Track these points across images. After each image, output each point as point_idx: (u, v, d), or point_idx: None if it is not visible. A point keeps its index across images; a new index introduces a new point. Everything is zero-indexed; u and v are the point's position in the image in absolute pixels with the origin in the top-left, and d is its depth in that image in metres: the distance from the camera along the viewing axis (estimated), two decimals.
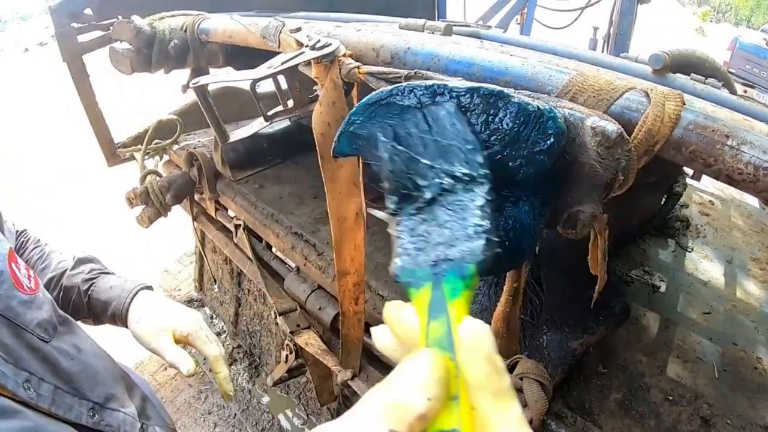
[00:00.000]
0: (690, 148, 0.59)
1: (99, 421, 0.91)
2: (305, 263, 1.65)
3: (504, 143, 0.52)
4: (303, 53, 0.95)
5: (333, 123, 0.94)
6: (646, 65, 0.97)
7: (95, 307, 1.14)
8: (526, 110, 0.52)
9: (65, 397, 0.85)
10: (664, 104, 0.58)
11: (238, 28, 1.34)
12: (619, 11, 3.28)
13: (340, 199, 1.07)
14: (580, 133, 0.57)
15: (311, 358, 1.62)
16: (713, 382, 1.32)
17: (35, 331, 0.84)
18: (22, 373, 0.77)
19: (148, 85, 6.17)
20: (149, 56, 1.62)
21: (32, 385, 0.78)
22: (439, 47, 0.90)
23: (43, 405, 0.79)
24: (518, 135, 0.52)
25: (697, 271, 1.76)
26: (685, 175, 1.82)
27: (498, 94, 0.52)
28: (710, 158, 0.58)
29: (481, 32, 1.29)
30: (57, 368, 0.86)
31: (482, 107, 0.52)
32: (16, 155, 7.26)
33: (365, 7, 1.92)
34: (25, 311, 0.82)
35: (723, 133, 0.57)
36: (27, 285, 0.86)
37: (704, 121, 0.59)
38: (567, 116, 0.59)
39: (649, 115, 0.59)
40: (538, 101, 0.55)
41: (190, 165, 2.05)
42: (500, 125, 0.52)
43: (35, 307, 0.86)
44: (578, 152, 0.58)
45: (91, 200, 5.34)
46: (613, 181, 0.58)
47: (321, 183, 1.05)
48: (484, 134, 0.52)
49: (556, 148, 0.54)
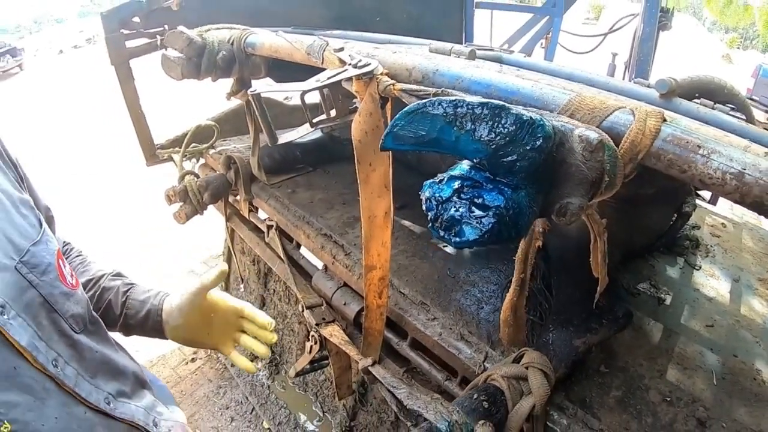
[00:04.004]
0: (668, 157, 0.72)
1: (114, 409, 0.98)
2: (333, 262, 1.78)
3: (505, 141, 0.69)
4: (346, 70, 1.09)
5: (369, 132, 1.08)
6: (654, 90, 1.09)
7: (131, 308, 1.22)
8: (521, 118, 0.69)
9: (85, 383, 0.93)
10: (645, 120, 0.72)
11: (284, 44, 1.48)
12: (640, 37, 3.35)
13: (372, 199, 1.20)
14: (570, 140, 0.72)
15: (334, 348, 1.74)
16: (711, 388, 1.38)
17: (69, 320, 0.92)
18: (52, 352, 0.86)
19: (179, 93, 6.40)
20: (199, 65, 1.76)
21: (59, 364, 0.87)
22: (463, 70, 1.04)
23: (69, 384, 0.88)
24: (515, 136, 0.69)
25: (703, 288, 1.83)
26: (694, 195, 1.90)
27: (501, 107, 0.69)
28: (684, 165, 0.71)
29: (503, 56, 1.42)
30: (80, 357, 0.94)
31: (490, 116, 0.69)
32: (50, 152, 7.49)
33: (395, 29, 2.05)
34: (63, 301, 0.91)
35: (695, 144, 0.70)
36: (69, 281, 0.95)
37: (680, 134, 0.72)
38: (559, 127, 0.74)
39: (632, 129, 0.73)
40: (531, 112, 0.71)
41: (227, 168, 2.21)
42: (502, 129, 0.69)
43: (73, 301, 0.95)
44: (567, 155, 0.73)
45: (116, 201, 5.53)
46: (599, 180, 0.72)
47: (350, 190, 1.19)
48: (491, 135, 0.69)
49: (545, 148, 0.70)
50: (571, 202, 0.72)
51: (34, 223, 0.93)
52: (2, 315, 0.77)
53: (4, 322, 0.77)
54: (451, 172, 0.77)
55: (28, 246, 0.87)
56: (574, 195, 0.72)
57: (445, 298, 1.58)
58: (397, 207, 1.26)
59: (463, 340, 1.42)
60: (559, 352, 1.26)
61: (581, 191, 0.72)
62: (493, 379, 1.17)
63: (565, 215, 0.72)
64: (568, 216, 0.72)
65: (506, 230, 0.72)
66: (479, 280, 1.66)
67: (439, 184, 0.77)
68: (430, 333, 1.46)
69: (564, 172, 0.74)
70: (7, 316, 0.78)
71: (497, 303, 1.49)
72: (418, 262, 1.76)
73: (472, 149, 0.72)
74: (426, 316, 1.51)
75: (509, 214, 0.71)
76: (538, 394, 1.11)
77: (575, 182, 0.72)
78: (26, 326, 0.81)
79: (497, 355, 1.37)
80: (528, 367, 1.15)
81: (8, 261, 0.82)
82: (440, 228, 0.77)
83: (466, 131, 0.71)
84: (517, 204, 0.72)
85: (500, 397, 1.14)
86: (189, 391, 2.95)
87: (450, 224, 0.75)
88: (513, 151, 0.69)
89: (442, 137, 0.73)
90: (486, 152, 0.71)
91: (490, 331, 1.44)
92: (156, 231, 4.56)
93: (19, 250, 0.85)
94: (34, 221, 0.93)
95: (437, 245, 1.86)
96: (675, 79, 1.08)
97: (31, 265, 0.86)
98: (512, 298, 1.08)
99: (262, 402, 2.78)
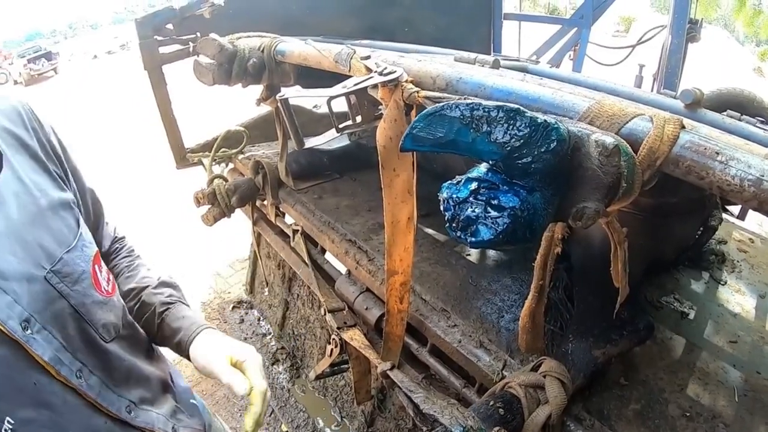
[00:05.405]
0: (686, 164, 0.73)
1: (134, 417, 0.99)
2: (356, 267, 1.81)
3: (519, 144, 0.71)
4: (372, 77, 1.12)
5: (394, 137, 1.10)
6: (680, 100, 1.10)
7: (164, 330, 1.18)
8: (536, 121, 0.71)
9: (108, 393, 0.93)
10: (664, 127, 0.73)
11: (313, 52, 1.52)
12: (668, 49, 3.32)
13: (395, 204, 1.22)
14: (586, 144, 0.74)
15: (354, 353, 1.76)
16: (732, 405, 1.35)
17: (99, 330, 0.93)
18: (77, 363, 0.86)
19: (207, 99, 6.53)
20: (230, 71, 1.81)
21: (83, 375, 0.87)
22: (486, 78, 1.06)
23: (91, 394, 0.89)
24: (530, 138, 0.71)
25: (728, 303, 1.80)
26: (720, 209, 1.88)
27: (516, 110, 0.72)
28: (702, 171, 0.72)
29: (528, 66, 1.44)
30: (107, 366, 0.95)
31: (505, 118, 0.72)
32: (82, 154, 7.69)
33: (424, 40, 2.08)
34: (95, 310, 0.92)
35: (714, 151, 0.71)
36: (104, 288, 0.96)
37: (699, 141, 0.73)
38: (576, 132, 0.75)
39: (651, 135, 0.74)
40: (545, 116, 0.73)
41: (255, 172, 2.26)
42: (517, 131, 0.71)
43: (106, 309, 0.95)
44: (584, 159, 0.74)
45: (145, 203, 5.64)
46: (616, 185, 0.73)
47: (375, 197, 1.21)
48: (506, 137, 0.72)
49: (559, 150, 0.72)
50: (587, 206, 0.73)
51: (72, 225, 0.93)
52: (26, 330, 0.77)
53: (27, 337, 0.77)
54: (469, 174, 0.79)
55: (61, 254, 0.87)
56: (590, 199, 0.73)
57: (466, 306, 1.59)
58: (422, 215, 1.28)
59: (482, 348, 1.43)
60: (578, 362, 1.26)
61: (598, 196, 0.73)
62: (511, 386, 1.17)
63: (581, 219, 0.73)
64: (584, 220, 0.73)
65: (521, 231, 0.73)
66: (501, 288, 1.66)
67: (456, 186, 0.79)
68: (449, 340, 1.47)
69: (580, 177, 0.75)
70: (31, 331, 0.78)
71: (517, 312, 1.49)
72: (441, 269, 1.77)
73: (488, 151, 0.74)
74: (446, 322, 1.52)
75: (524, 215, 0.73)
76: (554, 403, 1.11)
77: (592, 186, 0.73)
78: (51, 339, 0.82)
79: (516, 364, 1.37)
80: (546, 375, 1.16)
81: (38, 271, 0.82)
82: (457, 228, 0.79)
83: (482, 133, 0.73)
84: (531, 205, 0.73)
85: (517, 405, 1.14)
86: (209, 391, 2.99)
87: (466, 224, 0.77)
88: (527, 153, 0.71)
89: (459, 139, 0.76)
90: (501, 154, 0.73)
91: (509, 339, 1.45)
92: (182, 233, 4.65)
93: (51, 258, 0.85)
94: (72, 223, 0.93)
95: (460, 254, 1.87)
96: (700, 89, 1.08)
97: (63, 274, 0.86)
98: (531, 305, 1.09)
99: (281, 405, 2.81)
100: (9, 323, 0.75)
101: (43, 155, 0.94)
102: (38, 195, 0.88)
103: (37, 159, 0.93)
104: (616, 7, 5.07)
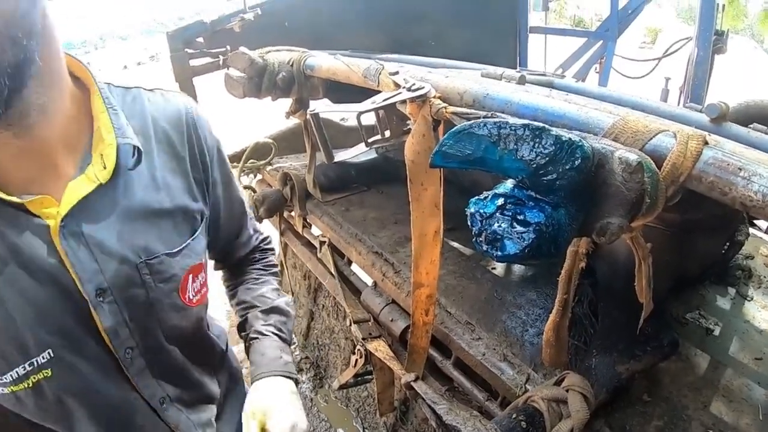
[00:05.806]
0: (709, 179, 0.74)
1: (164, 410, 1.02)
2: (383, 279, 1.83)
3: (545, 161, 0.73)
4: (400, 93, 1.15)
5: (422, 152, 1.13)
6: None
7: (249, 356, 1.20)
8: (561, 139, 0.73)
9: (148, 378, 0.98)
10: (687, 143, 0.75)
11: (342, 67, 1.55)
12: (694, 61, 3.30)
13: (423, 217, 1.24)
14: (610, 161, 0.75)
15: (378, 363, 1.78)
16: (757, 423, 1.33)
17: (165, 329, 0.98)
18: (131, 341, 0.92)
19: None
20: (259, 84, 1.85)
21: (132, 354, 0.93)
22: (512, 94, 1.08)
23: (131, 371, 0.94)
24: (555, 156, 0.73)
25: (754, 319, 1.77)
26: (747, 224, 1.86)
27: (542, 128, 0.74)
28: (725, 187, 0.73)
29: (554, 81, 1.46)
30: (158, 358, 0.99)
31: (531, 136, 0.74)
32: None
33: (451, 54, 2.09)
34: (170, 311, 0.97)
35: (736, 167, 0.72)
36: (189, 296, 1.00)
37: (722, 156, 0.74)
38: (599, 149, 0.77)
39: (674, 151, 0.76)
40: (571, 134, 0.75)
41: (283, 184, 2.30)
42: (543, 149, 0.73)
43: (181, 315, 1.00)
44: (608, 176, 0.76)
45: None
46: (639, 201, 0.74)
47: (403, 211, 1.23)
48: (532, 154, 0.74)
49: (584, 168, 0.74)
50: (611, 222, 0.74)
51: (184, 233, 0.98)
52: (98, 297, 0.85)
53: (96, 303, 0.85)
54: (496, 190, 0.82)
55: (161, 254, 0.93)
56: (614, 215, 0.75)
57: (490, 319, 1.60)
58: (448, 228, 1.30)
59: (506, 361, 1.43)
60: (601, 377, 1.26)
61: (621, 212, 0.74)
62: (533, 400, 1.17)
63: (605, 234, 0.74)
64: (608, 235, 0.74)
65: (546, 246, 0.75)
66: (525, 303, 1.67)
67: (483, 201, 0.81)
68: (473, 353, 1.48)
69: (604, 193, 0.76)
70: (102, 299, 0.85)
71: (542, 326, 1.49)
72: (466, 283, 1.78)
73: (515, 168, 0.76)
74: (471, 335, 1.53)
75: (549, 230, 0.75)
76: (576, 418, 1.11)
77: (615, 203, 0.75)
78: (117, 313, 0.88)
79: (539, 378, 1.37)
80: (568, 390, 1.16)
81: (133, 257, 0.89)
82: (483, 242, 0.81)
83: (509, 151, 0.76)
84: (556, 221, 0.75)
85: (539, 419, 1.14)
86: None
87: (493, 239, 0.79)
88: (553, 171, 0.73)
89: (487, 156, 0.78)
90: (527, 171, 0.75)
91: (533, 353, 1.45)
92: None
93: (149, 253, 0.91)
94: (185, 231, 0.99)
95: (486, 267, 1.88)
96: (726, 103, 1.09)
97: (155, 270, 0.92)
98: (555, 319, 1.10)
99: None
100: (87, 286, 0.83)
101: (188, 160, 0.99)
102: (164, 197, 0.94)
103: (181, 163, 0.98)
104: (643, 18, 5.04)
